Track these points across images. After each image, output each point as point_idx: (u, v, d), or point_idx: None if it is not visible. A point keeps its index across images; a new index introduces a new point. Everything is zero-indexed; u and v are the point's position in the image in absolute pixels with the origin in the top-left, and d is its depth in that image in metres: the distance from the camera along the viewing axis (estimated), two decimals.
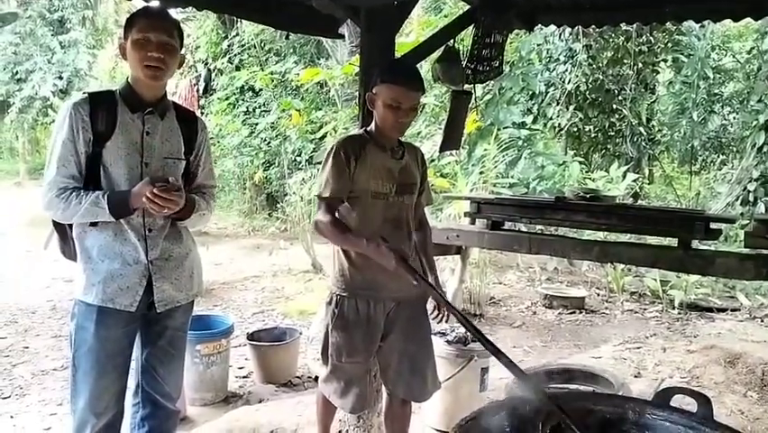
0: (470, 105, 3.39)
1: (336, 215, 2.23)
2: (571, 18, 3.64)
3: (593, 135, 10.17)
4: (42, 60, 17.63)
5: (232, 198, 12.45)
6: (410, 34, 7.28)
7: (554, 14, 3.61)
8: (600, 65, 9.59)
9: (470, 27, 3.43)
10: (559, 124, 9.66)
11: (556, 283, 6.88)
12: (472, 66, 3.40)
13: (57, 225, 2.14)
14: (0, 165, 20.38)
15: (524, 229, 3.72)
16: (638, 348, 4.40)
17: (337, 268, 2.39)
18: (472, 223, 3.73)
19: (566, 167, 7.51)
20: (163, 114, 2.12)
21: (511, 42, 8.08)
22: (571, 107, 9.62)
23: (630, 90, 9.61)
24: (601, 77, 9.56)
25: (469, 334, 3.44)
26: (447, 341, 3.38)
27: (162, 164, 2.09)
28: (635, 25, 6.87)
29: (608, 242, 3.27)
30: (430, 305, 2.56)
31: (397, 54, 3.23)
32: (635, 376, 3.88)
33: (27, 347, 4.58)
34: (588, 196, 3.21)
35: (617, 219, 3.07)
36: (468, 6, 3.54)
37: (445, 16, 8.13)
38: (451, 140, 3.33)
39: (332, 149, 2.30)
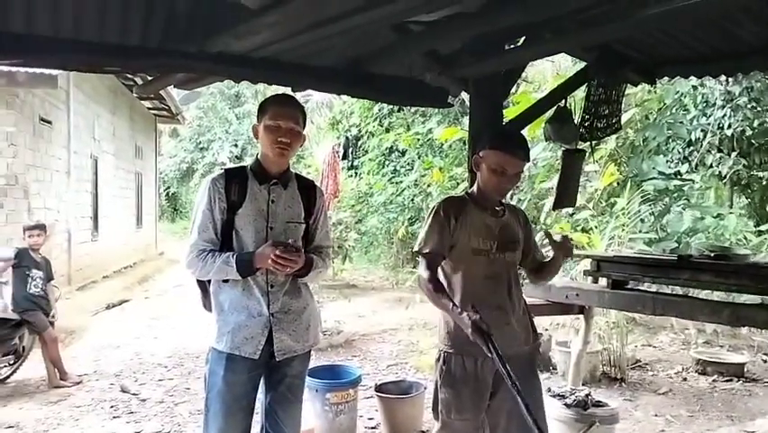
0: (583, 163, 3.38)
1: (438, 271, 2.35)
2: (696, 69, 3.50)
3: (765, 183, 9.23)
4: (221, 131, 19.99)
5: (379, 252, 12.98)
6: (546, 90, 7.29)
7: (676, 66, 3.51)
8: (767, 107, 8.78)
9: (584, 85, 3.45)
10: (720, 172, 8.92)
11: (716, 347, 6.26)
12: (587, 123, 3.41)
13: (199, 282, 2.48)
14: (186, 223, 23.09)
15: (650, 289, 3.53)
16: None
17: (443, 325, 2.46)
18: (595, 281, 3.63)
19: (721, 219, 6.90)
20: (286, 184, 2.41)
21: (655, 91, 7.75)
22: (734, 154, 8.85)
23: None
24: None
25: (589, 397, 3.33)
26: (566, 404, 3.30)
27: (285, 228, 2.37)
28: None
29: (741, 304, 3.02)
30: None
31: (510, 116, 3.35)
32: None
33: (188, 388, 5.15)
34: (713, 254, 3.01)
35: (749, 279, 2.84)
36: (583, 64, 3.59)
37: None
38: (564, 197, 3.34)
39: (433, 208, 2.44)
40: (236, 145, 20.28)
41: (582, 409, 3.22)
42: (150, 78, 2.96)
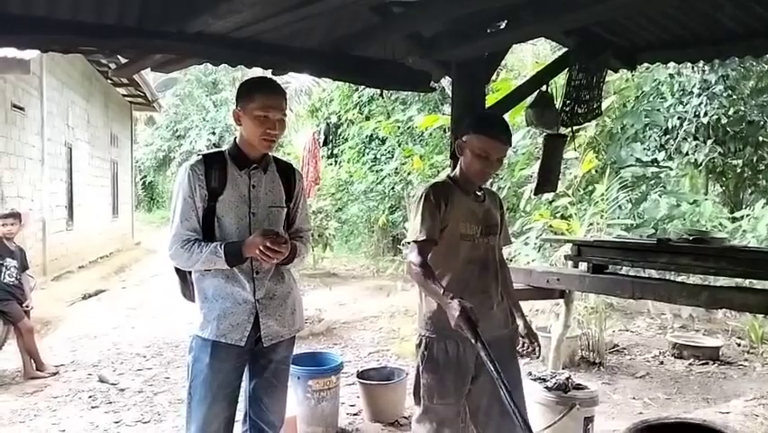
0: (565, 147, 3.39)
1: (428, 258, 2.31)
2: (676, 54, 3.53)
3: (739, 171, 9.39)
4: (198, 118, 19.69)
5: (360, 240, 12.96)
6: (526, 77, 7.31)
7: (656, 52, 3.53)
8: (742, 95, 8.92)
9: (565, 70, 3.46)
10: (695, 159, 9.06)
11: (691, 332, 6.38)
12: (568, 108, 3.41)
13: (178, 271, 2.41)
14: (163, 213, 22.81)
15: (629, 273, 3.57)
16: None
17: (425, 310, 2.45)
18: (575, 266, 3.65)
19: (697, 205, 7.01)
20: (266, 168, 2.36)
21: (633, 79, 7.82)
22: (710, 142, 8.98)
23: None
24: (743, 108, 8.87)
25: (569, 381, 3.36)
26: (547, 387, 3.32)
27: (267, 213, 2.33)
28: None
29: (718, 287, 3.07)
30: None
31: (491, 102, 3.34)
32: None
33: (168, 378, 5.09)
34: (691, 237, 3.05)
35: (727, 262, 2.88)
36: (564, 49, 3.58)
37: None
38: (546, 182, 3.35)
39: (422, 195, 2.39)
40: (214, 133, 19.98)
41: (563, 392, 3.25)
42: (125, 61, 2.89)
